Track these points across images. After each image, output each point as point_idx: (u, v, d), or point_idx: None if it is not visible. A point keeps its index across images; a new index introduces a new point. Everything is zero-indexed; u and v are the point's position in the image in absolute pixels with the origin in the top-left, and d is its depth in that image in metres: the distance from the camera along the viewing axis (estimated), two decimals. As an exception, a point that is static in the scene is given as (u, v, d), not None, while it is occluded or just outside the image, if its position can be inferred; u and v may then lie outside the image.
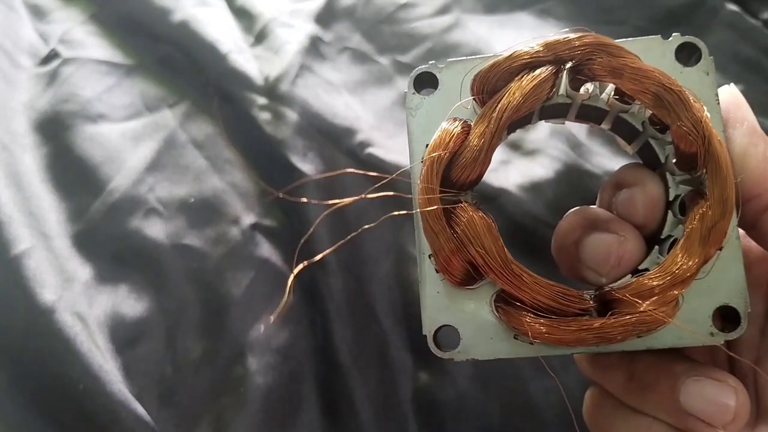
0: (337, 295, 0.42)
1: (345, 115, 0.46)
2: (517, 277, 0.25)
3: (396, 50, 0.50)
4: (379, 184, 0.26)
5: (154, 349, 0.39)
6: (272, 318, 0.24)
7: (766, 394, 0.27)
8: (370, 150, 0.44)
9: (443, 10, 0.52)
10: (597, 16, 0.50)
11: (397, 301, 0.43)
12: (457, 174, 0.26)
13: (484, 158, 0.25)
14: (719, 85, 0.27)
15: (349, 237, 0.26)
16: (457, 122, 0.26)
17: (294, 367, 0.41)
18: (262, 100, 0.46)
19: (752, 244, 0.28)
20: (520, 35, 0.50)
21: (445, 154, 0.26)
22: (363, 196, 0.30)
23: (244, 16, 0.50)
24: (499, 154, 0.46)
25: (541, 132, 0.47)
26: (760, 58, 0.47)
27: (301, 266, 0.26)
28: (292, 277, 0.25)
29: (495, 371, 0.41)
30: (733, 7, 0.49)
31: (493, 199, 0.44)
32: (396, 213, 0.29)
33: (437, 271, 0.26)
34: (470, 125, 0.26)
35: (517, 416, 0.41)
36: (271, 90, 0.46)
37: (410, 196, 0.27)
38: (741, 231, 0.26)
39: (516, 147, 0.47)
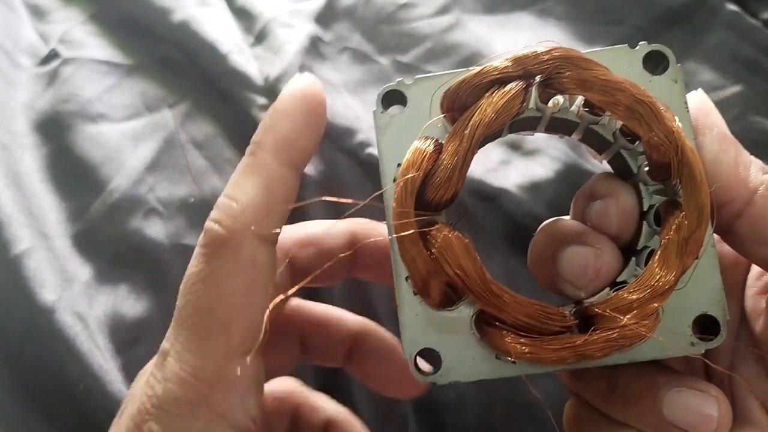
0: (337, 296, 0.42)
1: (345, 115, 0.46)
2: (496, 296, 0.24)
3: (396, 50, 0.50)
4: (355, 208, 0.27)
5: (154, 349, 0.39)
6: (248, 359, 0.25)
7: (741, 399, 0.27)
8: (370, 150, 0.44)
9: (443, 10, 0.52)
10: (596, 16, 0.50)
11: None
12: (431, 194, 0.25)
13: (458, 177, 0.25)
14: (717, 86, 0.27)
15: (310, 277, 0.27)
16: (428, 141, 0.26)
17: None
18: (262, 100, 0.46)
19: (725, 249, 0.28)
20: (520, 35, 0.50)
21: (418, 175, 0.25)
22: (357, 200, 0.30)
23: (244, 16, 0.50)
24: (499, 154, 0.46)
25: (541, 132, 0.47)
26: (760, 58, 0.47)
27: (278, 299, 0.26)
28: (267, 312, 0.26)
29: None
30: (733, 7, 0.49)
31: (493, 199, 0.44)
32: (372, 240, 0.30)
33: (415, 294, 0.26)
34: (442, 144, 0.26)
35: (518, 416, 0.41)
36: (271, 90, 0.46)
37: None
38: (715, 236, 0.26)
39: (516, 147, 0.47)
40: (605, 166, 0.30)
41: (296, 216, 0.44)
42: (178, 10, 0.48)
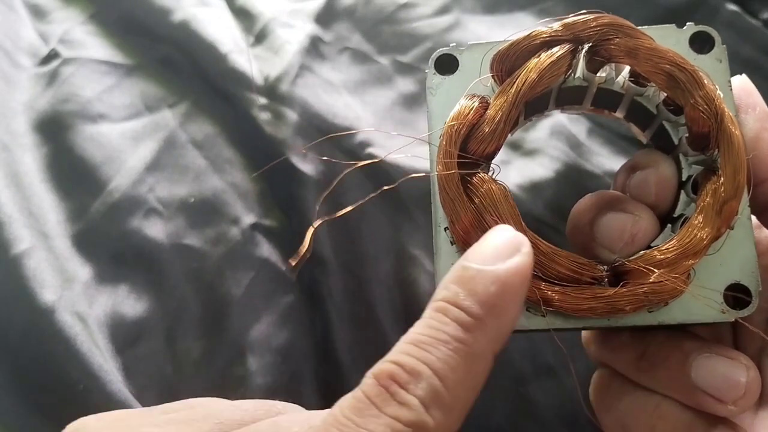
0: (337, 295, 0.42)
1: (345, 115, 0.46)
2: (533, 245, 0.25)
3: (396, 50, 0.50)
4: (369, 162, 0.26)
5: (154, 349, 0.39)
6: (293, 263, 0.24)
7: None
8: (370, 150, 0.44)
9: (443, 10, 0.52)
10: (597, 16, 0.50)
11: (397, 301, 0.43)
12: (474, 147, 0.26)
13: (501, 132, 0.26)
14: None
15: (338, 214, 0.26)
16: (476, 98, 0.27)
17: (294, 367, 0.41)
18: (262, 100, 0.46)
19: (762, 234, 0.28)
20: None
21: (463, 125, 0.26)
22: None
23: (244, 16, 0.50)
24: (499, 154, 0.46)
25: (541, 132, 0.47)
26: (760, 58, 0.47)
27: (316, 223, 0.26)
28: (310, 230, 0.26)
29: (495, 371, 0.41)
30: (733, 7, 0.49)
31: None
32: (387, 187, 0.30)
33: (452, 243, 0.26)
34: (488, 102, 0.27)
35: (517, 416, 0.41)
36: (271, 90, 0.46)
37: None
38: (754, 220, 0.26)
39: (516, 147, 0.47)
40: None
41: (296, 216, 0.44)
42: (178, 10, 0.48)
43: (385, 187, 0.31)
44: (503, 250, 0.22)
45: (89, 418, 0.25)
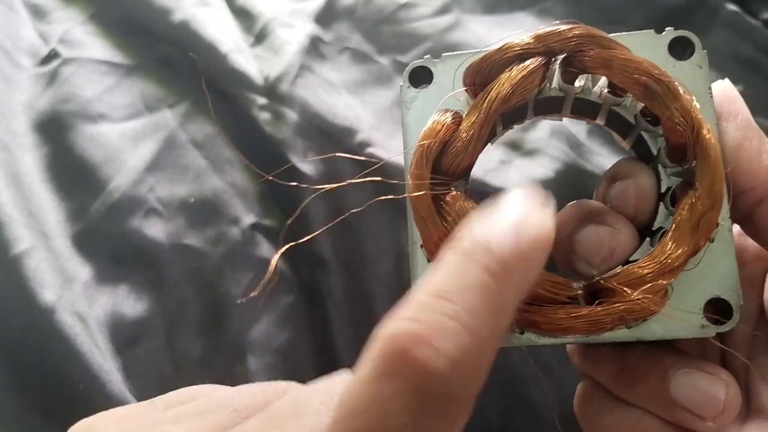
0: (337, 295, 0.42)
1: (345, 115, 0.46)
2: None
3: (396, 50, 0.50)
4: (369, 170, 0.27)
5: (154, 349, 0.39)
6: (257, 291, 0.24)
7: (756, 392, 0.27)
8: (370, 150, 0.44)
9: (443, 10, 0.52)
10: (596, 15, 0.50)
11: (398, 301, 0.43)
12: (447, 163, 0.26)
13: (473, 147, 0.26)
14: (715, 81, 0.27)
15: (336, 220, 0.26)
16: (448, 113, 0.27)
17: (294, 367, 0.41)
18: (262, 100, 0.46)
19: (748, 242, 0.28)
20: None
21: (435, 142, 0.26)
22: (349, 182, 0.30)
23: (244, 16, 0.50)
24: (499, 153, 0.46)
25: (541, 132, 0.47)
26: (760, 58, 0.47)
27: (285, 247, 0.26)
28: (276, 256, 0.25)
29: (495, 371, 0.41)
30: (733, 7, 0.49)
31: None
32: (384, 197, 0.30)
33: (429, 261, 0.26)
34: (462, 116, 0.26)
35: (517, 416, 0.41)
36: (271, 90, 0.46)
37: (397, 182, 0.27)
38: (737, 228, 0.26)
39: (516, 147, 0.47)
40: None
41: (296, 216, 0.44)
42: (178, 10, 0.48)
43: (382, 197, 0.30)
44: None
45: (93, 419, 0.25)
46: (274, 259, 0.25)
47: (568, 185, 0.44)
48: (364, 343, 0.19)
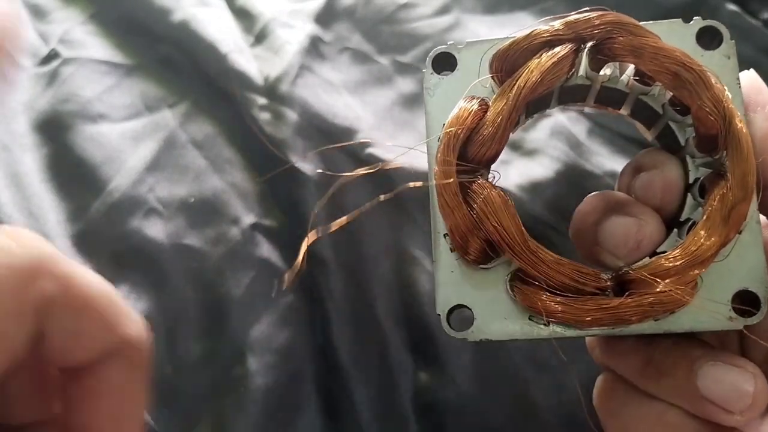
0: (337, 295, 0.42)
1: (345, 115, 0.46)
2: (534, 254, 0.24)
3: (396, 50, 0.50)
4: (376, 168, 0.26)
5: (154, 349, 0.39)
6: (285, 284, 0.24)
7: None
8: (370, 150, 0.44)
9: (443, 10, 0.52)
10: (597, 16, 0.50)
11: (397, 302, 0.43)
12: (474, 151, 0.25)
13: (501, 135, 0.25)
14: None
15: (345, 218, 0.26)
16: (474, 100, 0.26)
17: (294, 367, 0.41)
18: (262, 100, 0.46)
19: None
20: (520, 35, 0.50)
21: (462, 129, 0.25)
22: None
23: (244, 16, 0.50)
24: (499, 154, 0.46)
25: (541, 132, 0.47)
26: (760, 58, 0.47)
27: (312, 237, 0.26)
28: (304, 246, 0.25)
29: (495, 371, 0.41)
30: (733, 7, 0.49)
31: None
32: (411, 185, 0.29)
33: (452, 250, 0.26)
34: (488, 104, 0.26)
35: (517, 416, 0.41)
36: (271, 90, 0.46)
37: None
38: (763, 219, 0.26)
39: (516, 147, 0.47)
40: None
41: (296, 216, 0.44)
42: (178, 10, 0.48)
43: (382, 196, 0.30)
44: None
45: None
46: (303, 248, 0.25)
47: (568, 185, 0.44)
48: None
